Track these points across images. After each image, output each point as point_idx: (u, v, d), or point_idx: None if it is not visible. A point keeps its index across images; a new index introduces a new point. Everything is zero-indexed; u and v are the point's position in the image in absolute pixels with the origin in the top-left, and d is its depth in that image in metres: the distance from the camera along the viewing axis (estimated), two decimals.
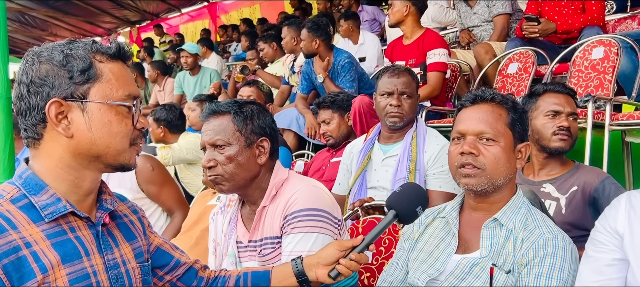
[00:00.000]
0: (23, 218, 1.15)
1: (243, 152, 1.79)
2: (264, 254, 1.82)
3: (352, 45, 5.53)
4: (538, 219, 1.59)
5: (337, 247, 1.53)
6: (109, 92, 1.22)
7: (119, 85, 1.23)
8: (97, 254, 1.23)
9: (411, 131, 2.71)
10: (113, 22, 13.01)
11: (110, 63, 1.24)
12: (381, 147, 2.78)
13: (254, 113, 1.83)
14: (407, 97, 2.69)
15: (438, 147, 2.64)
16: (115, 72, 1.24)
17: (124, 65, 1.28)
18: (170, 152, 3.91)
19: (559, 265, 1.47)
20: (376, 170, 2.74)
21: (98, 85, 1.21)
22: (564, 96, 2.30)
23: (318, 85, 4.40)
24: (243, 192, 1.88)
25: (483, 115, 1.62)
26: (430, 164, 2.61)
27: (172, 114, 4.19)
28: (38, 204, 1.17)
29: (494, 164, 1.59)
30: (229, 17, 12.04)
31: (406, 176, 2.59)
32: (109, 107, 1.21)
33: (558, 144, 2.25)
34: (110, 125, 1.22)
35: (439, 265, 1.64)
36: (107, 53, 1.24)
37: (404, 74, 2.73)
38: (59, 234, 1.17)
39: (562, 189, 2.24)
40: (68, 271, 1.15)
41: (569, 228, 2.09)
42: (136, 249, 1.37)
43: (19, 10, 11.05)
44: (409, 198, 1.57)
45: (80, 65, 1.19)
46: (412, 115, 2.72)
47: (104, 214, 1.28)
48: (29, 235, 1.13)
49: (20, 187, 1.19)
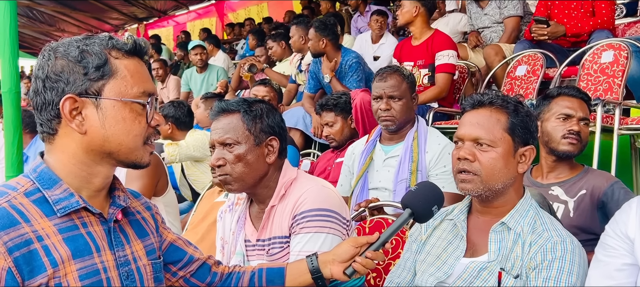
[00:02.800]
0: (36, 212, 1.15)
1: (252, 151, 1.79)
2: (272, 254, 1.82)
3: (372, 43, 5.52)
4: (546, 222, 1.59)
5: (352, 243, 1.52)
6: (124, 89, 1.21)
7: (134, 82, 1.23)
8: (108, 250, 1.23)
9: (412, 131, 2.71)
10: (121, 19, 13.06)
11: (126, 59, 1.23)
12: (383, 147, 2.78)
13: (263, 112, 1.83)
14: (396, 99, 2.68)
15: (439, 147, 2.63)
16: (131, 69, 1.23)
17: (141, 62, 1.27)
18: (178, 149, 3.92)
19: (568, 269, 1.46)
20: (378, 171, 2.74)
21: (113, 82, 1.20)
22: (578, 100, 2.30)
23: (325, 85, 4.40)
24: (252, 191, 1.88)
25: (481, 120, 1.62)
26: (432, 164, 2.61)
27: (180, 111, 4.21)
28: (51, 198, 1.17)
29: (489, 170, 1.58)
30: (236, 15, 12.05)
31: (408, 177, 2.58)
32: (123, 104, 1.21)
33: (567, 147, 2.25)
34: (124, 123, 1.21)
35: (447, 268, 1.64)
36: (123, 49, 1.23)
37: (391, 76, 2.72)
38: (70, 229, 1.18)
39: (571, 192, 2.23)
40: (78, 267, 1.15)
41: (576, 232, 2.07)
42: (148, 247, 1.36)
43: (27, 6, 11.10)
44: (425, 197, 1.56)
45: (95, 62, 1.19)
46: (406, 117, 2.71)
47: (116, 211, 1.28)
48: (41, 229, 1.13)
49: (35, 181, 1.19)
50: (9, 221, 1.10)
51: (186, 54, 7.64)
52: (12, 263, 1.07)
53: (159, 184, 2.89)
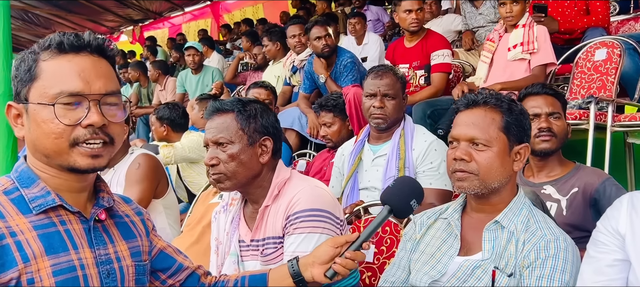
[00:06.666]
0: (12, 209, 1.16)
1: (245, 150, 1.79)
2: (266, 254, 1.82)
3: (356, 45, 5.53)
4: (540, 220, 1.59)
5: (331, 244, 1.50)
6: (43, 91, 1.17)
7: (53, 82, 1.17)
8: (87, 248, 1.22)
9: (399, 130, 2.72)
10: (116, 21, 13.02)
11: (57, 58, 1.19)
12: (371, 147, 2.79)
13: (257, 112, 1.84)
14: (390, 98, 2.69)
15: (426, 143, 2.64)
16: (54, 69, 1.18)
17: (74, 58, 1.19)
18: (173, 150, 3.92)
19: (561, 267, 1.47)
20: (367, 170, 2.75)
21: (35, 85, 1.18)
22: (542, 97, 2.31)
23: (320, 85, 4.40)
24: (245, 190, 1.89)
25: (475, 120, 1.62)
26: (419, 161, 2.62)
27: (175, 113, 4.21)
28: (27, 196, 1.18)
29: (486, 169, 1.59)
30: (231, 16, 12.05)
31: (396, 175, 2.60)
32: (42, 107, 1.16)
33: (541, 145, 2.26)
34: (44, 125, 1.17)
35: (441, 267, 1.65)
36: (50, 47, 1.19)
37: (387, 75, 2.73)
38: (46, 226, 1.18)
39: (563, 190, 2.24)
40: (52, 262, 1.15)
41: (570, 229, 2.08)
42: (133, 248, 1.35)
43: (22, 9, 11.05)
44: (401, 192, 1.56)
45: (24, 66, 1.19)
46: (397, 116, 2.72)
47: (98, 210, 1.28)
48: (15, 225, 1.14)
49: (15, 180, 1.21)
50: None
51: (181, 56, 7.62)
52: None
53: (159, 186, 2.89)
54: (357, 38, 5.60)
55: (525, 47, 3.43)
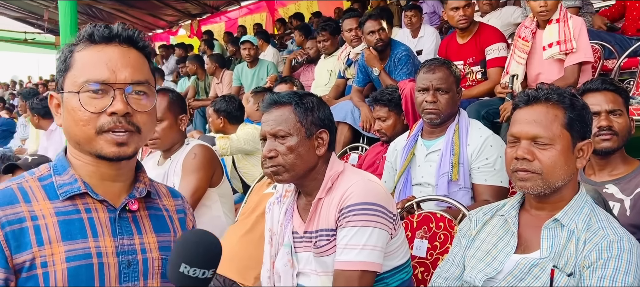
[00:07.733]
0: (41, 194, 1.21)
1: (303, 143, 1.82)
2: (319, 246, 1.84)
3: (411, 38, 5.47)
4: (602, 219, 1.54)
5: None
6: (73, 80, 1.21)
7: (82, 72, 1.21)
8: (108, 237, 1.24)
9: (453, 124, 2.66)
10: (175, 15, 13.43)
11: (88, 49, 1.23)
12: (424, 142, 2.75)
13: (314, 105, 1.86)
14: (443, 92, 2.64)
15: (481, 139, 2.58)
16: (84, 59, 1.22)
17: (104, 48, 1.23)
18: (229, 142, 4.01)
19: (624, 268, 1.41)
20: (420, 166, 2.72)
21: (68, 75, 1.23)
22: (602, 93, 2.20)
23: (374, 78, 4.38)
24: (300, 183, 1.91)
25: (537, 117, 1.57)
26: (474, 157, 2.57)
27: (231, 105, 4.30)
28: (57, 182, 1.24)
29: (550, 168, 1.54)
30: (286, 10, 12.15)
31: (450, 170, 2.56)
32: (72, 95, 1.21)
33: (602, 145, 2.16)
34: (73, 113, 1.21)
35: (497, 264, 1.62)
36: (83, 39, 1.24)
37: (440, 69, 2.68)
38: (69, 212, 1.21)
39: (627, 190, 2.15)
40: (67, 248, 1.18)
41: (634, 231, 1.99)
42: (163, 242, 1.34)
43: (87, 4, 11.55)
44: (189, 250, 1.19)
45: (62, 57, 1.25)
46: (450, 110, 2.67)
47: (129, 200, 1.29)
48: (39, 209, 1.19)
49: (51, 168, 1.27)
50: (8, 200, 1.17)
51: (238, 49, 7.76)
52: (2, 236, 1.13)
53: (215, 175, 2.96)
54: (412, 31, 5.53)
55: (562, 46, 3.15)
